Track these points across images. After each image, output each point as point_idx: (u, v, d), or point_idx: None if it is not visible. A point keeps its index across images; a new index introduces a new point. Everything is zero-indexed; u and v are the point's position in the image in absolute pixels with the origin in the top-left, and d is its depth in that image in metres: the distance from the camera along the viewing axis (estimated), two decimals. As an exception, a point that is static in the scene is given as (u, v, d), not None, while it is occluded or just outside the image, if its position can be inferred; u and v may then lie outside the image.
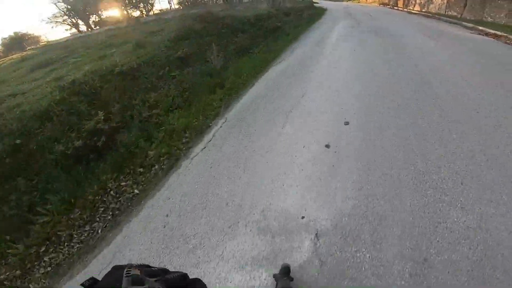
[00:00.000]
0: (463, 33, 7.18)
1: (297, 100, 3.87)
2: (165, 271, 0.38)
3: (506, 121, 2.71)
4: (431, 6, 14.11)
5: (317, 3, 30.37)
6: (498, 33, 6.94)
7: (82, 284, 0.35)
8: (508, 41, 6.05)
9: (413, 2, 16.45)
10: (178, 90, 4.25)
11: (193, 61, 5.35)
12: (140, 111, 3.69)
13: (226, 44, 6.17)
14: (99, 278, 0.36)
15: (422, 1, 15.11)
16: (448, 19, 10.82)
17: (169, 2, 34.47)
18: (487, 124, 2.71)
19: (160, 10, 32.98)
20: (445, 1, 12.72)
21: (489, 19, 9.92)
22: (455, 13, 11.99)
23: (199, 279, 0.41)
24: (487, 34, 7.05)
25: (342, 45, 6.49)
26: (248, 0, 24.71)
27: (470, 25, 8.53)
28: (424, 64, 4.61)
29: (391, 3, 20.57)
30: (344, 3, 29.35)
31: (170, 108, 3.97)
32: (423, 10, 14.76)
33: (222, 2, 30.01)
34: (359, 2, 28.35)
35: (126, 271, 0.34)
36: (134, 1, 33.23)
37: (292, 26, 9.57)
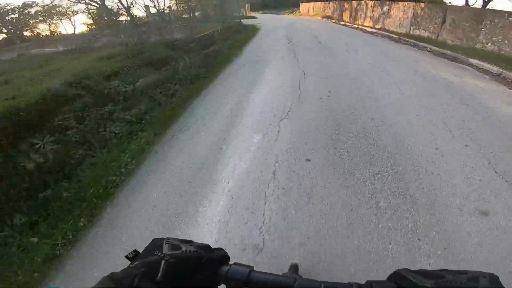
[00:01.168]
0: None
1: None
2: (190, 241, 0.41)
3: None
4: (388, 21, 10.55)
5: (256, 17, 26.65)
6: None
7: (126, 256, 0.37)
8: None
9: (362, 15, 13.00)
10: None
11: None
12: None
13: None
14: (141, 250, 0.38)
15: (374, 15, 11.61)
16: (431, 47, 6.95)
17: (72, 24, 27.52)
18: None
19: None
20: (409, 16, 9.13)
21: (490, 47, 6.20)
22: (426, 33, 8.38)
23: (221, 248, 0.43)
24: None
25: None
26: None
27: None
28: None
29: (335, 16, 17.27)
30: (286, 16, 26.00)
31: None
32: (377, 27, 11.23)
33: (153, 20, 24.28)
34: (300, 15, 25.20)
35: (166, 239, 0.38)
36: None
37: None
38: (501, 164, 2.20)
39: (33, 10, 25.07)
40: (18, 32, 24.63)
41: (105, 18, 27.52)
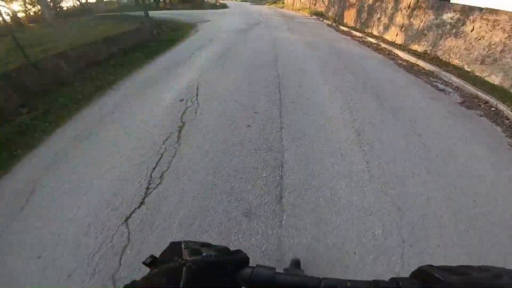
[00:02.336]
0: None
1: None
2: (209, 244, 0.39)
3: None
4: (451, 44, 4.87)
5: (226, 7, 20.03)
6: None
7: (143, 262, 0.36)
8: None
9: (383, 20, 7.24)
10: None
11: None
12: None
13: None
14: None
15: (413, 24, 5.85)
16: None
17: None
18: None
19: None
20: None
21: None
22: None
23: (241, 250, 0.40)
24: None
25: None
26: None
27: None
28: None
29: (330, 14, 11.36)
30: (264, 8, 19.87)
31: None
32: (418, 49, 5.59)
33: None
34: (283, 7, 18.99)
35: (184, 243, 0.37)
36: None
37: None
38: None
39: None
40: None
41: None
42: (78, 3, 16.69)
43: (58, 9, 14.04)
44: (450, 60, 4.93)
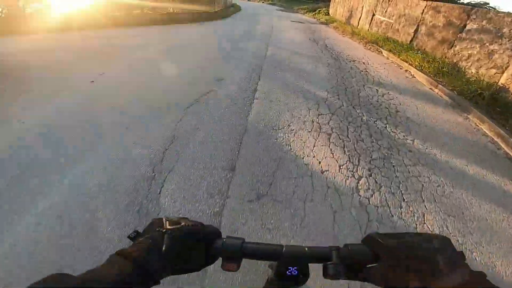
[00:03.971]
0: None
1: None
2: (187, 218, 0.45)
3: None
4: None
5: (228, 14, 14.91)
6: None
7: (128, 236, 0.39)
8: None
9: None
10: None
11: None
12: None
13: None
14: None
15: None
16: None
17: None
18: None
19: None
20: None
21: None
22: None
23: (212, 225, 0.46)
24: None
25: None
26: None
27: None
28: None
29: (421, 60, 5.78)
30: (294, 24, 14.88)
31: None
32: None
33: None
34: (328, 20, 13.53)
35: (165, 217, 0.42)
36: None
37: None
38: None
39: None
40: None
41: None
42: None
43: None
44: None
